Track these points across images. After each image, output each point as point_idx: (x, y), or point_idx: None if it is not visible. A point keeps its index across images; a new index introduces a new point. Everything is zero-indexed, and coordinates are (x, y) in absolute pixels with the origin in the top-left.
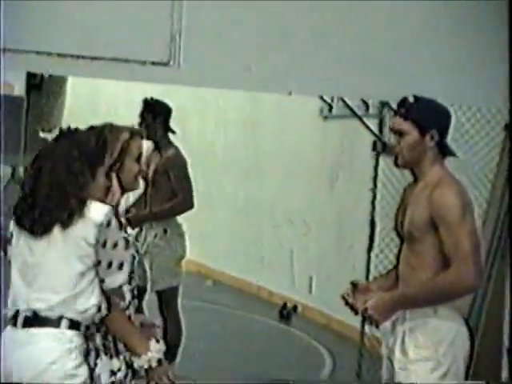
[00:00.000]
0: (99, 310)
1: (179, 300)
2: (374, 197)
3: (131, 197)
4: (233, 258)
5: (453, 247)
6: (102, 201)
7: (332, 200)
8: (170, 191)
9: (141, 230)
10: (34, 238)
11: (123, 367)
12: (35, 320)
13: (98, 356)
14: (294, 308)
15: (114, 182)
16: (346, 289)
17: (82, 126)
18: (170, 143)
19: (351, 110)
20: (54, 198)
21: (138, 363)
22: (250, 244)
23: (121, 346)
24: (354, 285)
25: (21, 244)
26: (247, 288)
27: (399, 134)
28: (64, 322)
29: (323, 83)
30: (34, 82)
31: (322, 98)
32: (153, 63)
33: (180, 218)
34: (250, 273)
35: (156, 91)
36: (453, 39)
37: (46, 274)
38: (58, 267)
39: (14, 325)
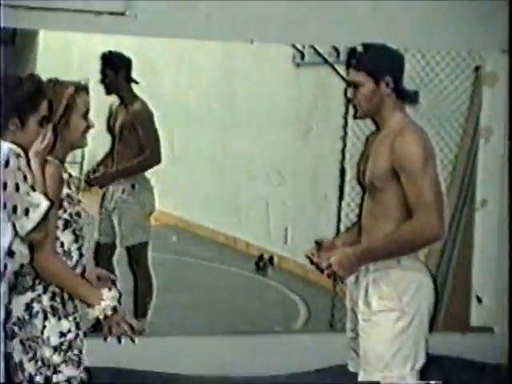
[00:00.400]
0: (11, 254)
1: (149, 255)
2: (345, 145)
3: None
4: (209, 211)
5: (415, 196)
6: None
7: (306, 150)
8: (138, 146)
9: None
10: None
11: (73, 328)
12: None
13: (45, 318)
14: (270, 259)
15: (49, 133)
16: (311, 248)
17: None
18: (136, 97)
19: (322, 57)
20: None
21: (92, 314)
22: (227, 197)
23: (69, 307)
24: (319, 243)
25: None
26: (225, 240)
27: (354, 85)
28: None
29: (286, 31)
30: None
31: (293, 45)
32: (110, 13)
33: (149, 173)
34: (227, 225)
35: (125, 44)
36: None
37: None
38: None
39: None
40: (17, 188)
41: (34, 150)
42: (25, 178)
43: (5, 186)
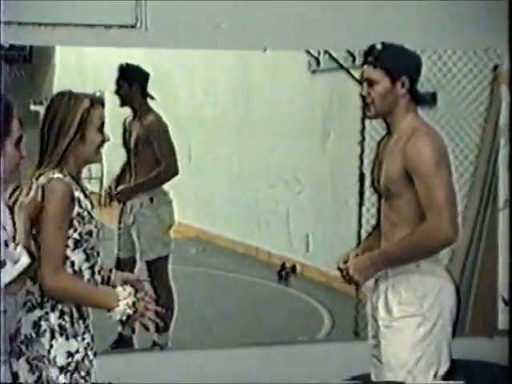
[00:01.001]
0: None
1: (170, 268)
2: (362, 150)
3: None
4: (230, 221)
5: (427, 199)
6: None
7: (324, 156)
8: (154, 159)
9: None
10: None
11: (81, 349)
12: None
13: (53, 337)
14: (293, 268)
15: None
16: (340, 259)
17: None
18: (150, 110)
19: (337, 62)
20: None
21: (114, 318)
22: (246, 207)
23: (79, 327)
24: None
25: None
26: (246, 251)
27: (369, 83)
28: None
29: (300, 37)
30: (10, 55)
31: (308, 52)
32: (119, 26)
33: (167, 186)
34: (247, 235)
35: (139, 56)
36: None
37: None
38: None
39: None
40: None
41: (18, 204)
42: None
43: None
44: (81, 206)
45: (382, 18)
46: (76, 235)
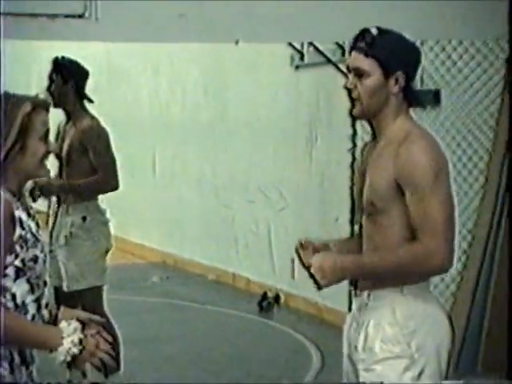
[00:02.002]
0: None
1: (105, 301)
2: (354, 158)
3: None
4: (202, 243)
5: (421, 217)
6: None
7: (311, 165)
8: (89, 170)
9: (55, 218)
10: None
11: None
12: None
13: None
14: (276, 298)
15: None
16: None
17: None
18: (87, 112)
19: (324, 56)
20: None
21: (58, 359)
22: (221, 226)
23: (18, 375)
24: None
25: None
26: (221, 278)
27: (358, 74)
28: None
29: (280, 28)
30: None
31: (290, 44)
32: (66, 16)
33: (104, 204)
34: (222, 260)
35: (90, 51)
36: None
37: None
38: None
39: None
40: None
41: None
42: None
43: None
44: (23, 228)
45: (376, 4)
46: (18, 262)
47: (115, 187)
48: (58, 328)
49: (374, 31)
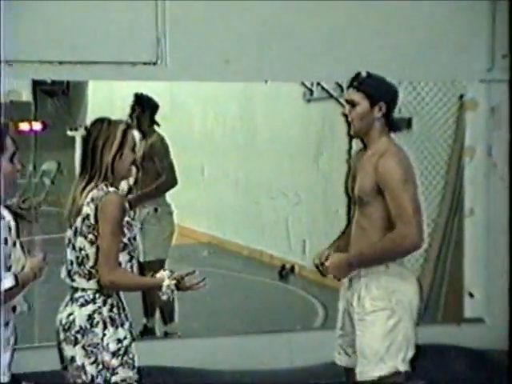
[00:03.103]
0: None
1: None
2: (350, 167)
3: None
4: (237, 229)
5: (396, 211)
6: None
7: (318, 173)
8: (155, 173)
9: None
10: None
11: (128, 335)
12: None
13: (105, 327)
14: (292, 268)
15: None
16: (316, 258)
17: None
18: (154, 132)
19: (328, 92)
20: None
21: (166, 292)
22: (251, 216)
23: (124, 317)
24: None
25: None
26: (251, 254)
27: (352, 104)
28: None
29: (296, 71)
30: (51, 89)
31: (303, 83)
32: (143, 63)
33: (169, 199)
34: (252, 241)
35: (159, 89)
36: (413, 26)
37: None
38: None
39: None
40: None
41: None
42: (6, 240)
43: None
44: (128, 215)
45: (366, 55)
46: (125, 240)
47: (175, 184)
48: (158, 276)
49: (364, 74)
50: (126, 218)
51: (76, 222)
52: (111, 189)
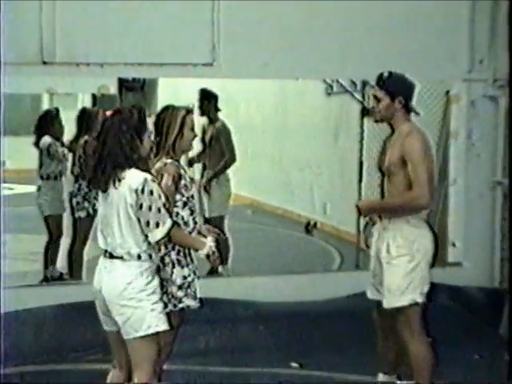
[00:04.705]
0: (150, 248)
1: (226, 224)
2: (361, 146)
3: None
4: (273, 193)
5: (415, 177)
6: (146, 161)
7: (336, 151)
8: (221, 151)
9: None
10: (102, 195)
11: (192, 274)
12: (112, 255)
13: (174, 266)
14: (315, 224)
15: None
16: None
17: None
18: (218, 119)
19: (344, 88)
20: (108, 165)
21: (202, 254)
22: (284, 183)
23: (189, 259)
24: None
25: (99, 200)
26: (284, 213)
27: (377, 99)
28: (129, 256)
29: (320, 70)
30: (132, 85)
31: (325, 80)
32: (202, 65)
33: (231, 170)
34: (285, 203)
35: (217, 86)
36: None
37: (110, 223)
38: (114, 219)
39: (104, 256)
40: (149, 208)
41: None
42: (159, 196)
43: (141, 206)
44: (185, 179)
45: (375, 58)
46: (184, 198)
47: (235, 161)
48: (204, 239)
49: (386, 74)
50: (183, 181)
51: None
52: (168, 160)
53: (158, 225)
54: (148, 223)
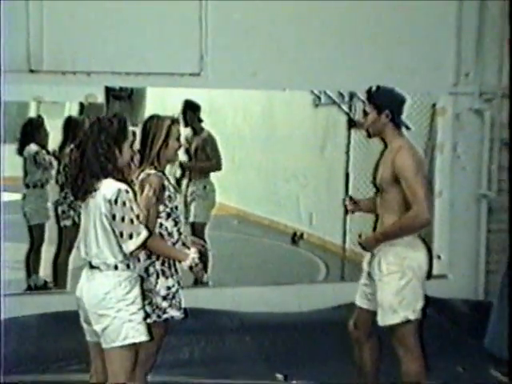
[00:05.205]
0: (126, 258)
1: (206, 232)
2: (348, 156)
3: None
4: (259, 204)
5: (411, 196)
6: (125, 173)
7: (323, 162)
8: (206, 159)
9: (187, 186)
10: (83, 204)
11: (176, 284)
12: (91, 265)
13: (158, 277)
14: (301, 235)
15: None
16: (346, 198)
17: None
18: (203, 128)
19: (332, 99)
20: (86, 174)
21: (185, 265)
22: (271, 193)
23: (173, 270)
24: (350, 198)
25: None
26: (270, 223)
27: (365, 113)
28: (106, 266)
29: (307, 82)
30: (119, 94)
31: (312, 92)
32: (189, 75)
33: (213, 180)
34: (271, 213)
35: (204, 96)
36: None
37: (87, 234)
38: (91, 229)
39: (87, 265)
40: (122, 219)
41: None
42: (131, 209)
43: (113, 217)
44: (169, 190)
45: (363, 71)
46: (168, 209)
47: (220, 169)
48: (187, 251)
49: (374, 88)
50: (167, 192)
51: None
52: (152, 171)
53: (131, 236)
54: (122, 234)
